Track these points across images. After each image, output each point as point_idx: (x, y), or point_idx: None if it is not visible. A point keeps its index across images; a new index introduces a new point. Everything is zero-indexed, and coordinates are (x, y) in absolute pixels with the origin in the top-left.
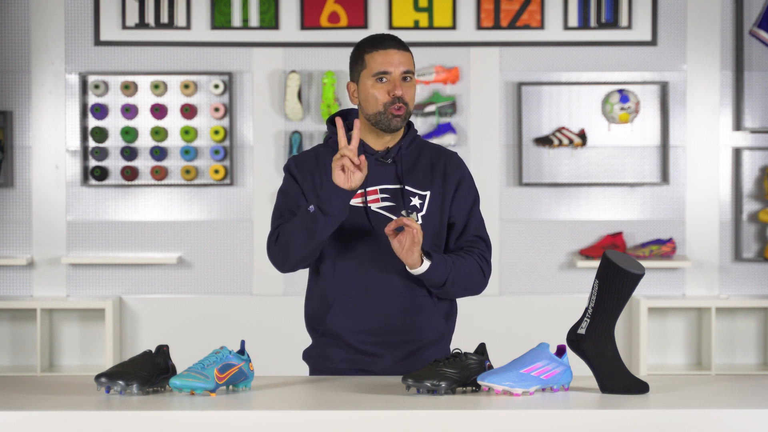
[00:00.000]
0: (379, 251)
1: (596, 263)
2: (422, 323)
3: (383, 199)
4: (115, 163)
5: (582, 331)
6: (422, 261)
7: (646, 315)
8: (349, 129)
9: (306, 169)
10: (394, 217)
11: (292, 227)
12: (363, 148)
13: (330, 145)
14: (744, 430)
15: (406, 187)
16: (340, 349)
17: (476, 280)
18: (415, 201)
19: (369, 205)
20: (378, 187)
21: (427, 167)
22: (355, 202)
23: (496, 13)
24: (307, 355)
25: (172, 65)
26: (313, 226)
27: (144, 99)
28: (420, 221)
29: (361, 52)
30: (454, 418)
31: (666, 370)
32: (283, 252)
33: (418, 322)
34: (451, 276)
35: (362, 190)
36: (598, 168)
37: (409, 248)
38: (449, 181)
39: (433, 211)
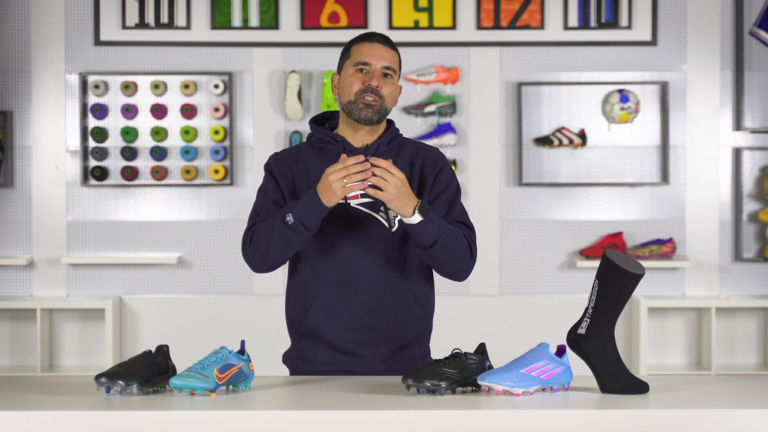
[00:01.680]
0: (359, 248)
1: (596, 263)
2: (404, 320)
3: (363, 196)
4: (115, 163)
5: (582, 331)
6: (414, 212)
7: (646, 315)
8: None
9: (286, 167)
10: (374, 214)
11: (269, 233)
12: (343, 145)
13: (312, 143)
14: (744, 430)
15: None
16: (321, 349)
17: (464, 255)
18: None
19: (348, 201)
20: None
21: (406, 164)
22: None
23: (496, 13)
24: (287, 358)
25: (172, 65)
26: (291, 236)
27: (144, 99)
28: (398, 217)
29: (349, 44)
30: (454, 418)
31: (666, 370)
32: (259, 255)
33: (400, 320)
34: (442, 238)
35: None
36: (598, 168)
37: (398, 196)
38: (427, 172)
39: None
